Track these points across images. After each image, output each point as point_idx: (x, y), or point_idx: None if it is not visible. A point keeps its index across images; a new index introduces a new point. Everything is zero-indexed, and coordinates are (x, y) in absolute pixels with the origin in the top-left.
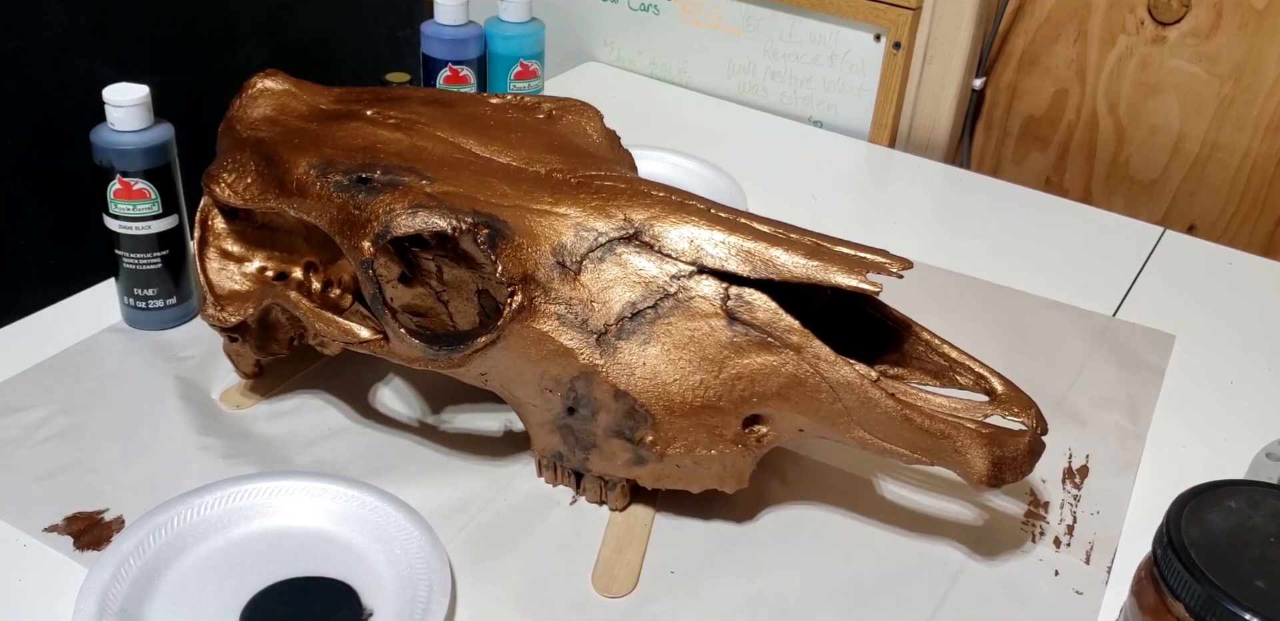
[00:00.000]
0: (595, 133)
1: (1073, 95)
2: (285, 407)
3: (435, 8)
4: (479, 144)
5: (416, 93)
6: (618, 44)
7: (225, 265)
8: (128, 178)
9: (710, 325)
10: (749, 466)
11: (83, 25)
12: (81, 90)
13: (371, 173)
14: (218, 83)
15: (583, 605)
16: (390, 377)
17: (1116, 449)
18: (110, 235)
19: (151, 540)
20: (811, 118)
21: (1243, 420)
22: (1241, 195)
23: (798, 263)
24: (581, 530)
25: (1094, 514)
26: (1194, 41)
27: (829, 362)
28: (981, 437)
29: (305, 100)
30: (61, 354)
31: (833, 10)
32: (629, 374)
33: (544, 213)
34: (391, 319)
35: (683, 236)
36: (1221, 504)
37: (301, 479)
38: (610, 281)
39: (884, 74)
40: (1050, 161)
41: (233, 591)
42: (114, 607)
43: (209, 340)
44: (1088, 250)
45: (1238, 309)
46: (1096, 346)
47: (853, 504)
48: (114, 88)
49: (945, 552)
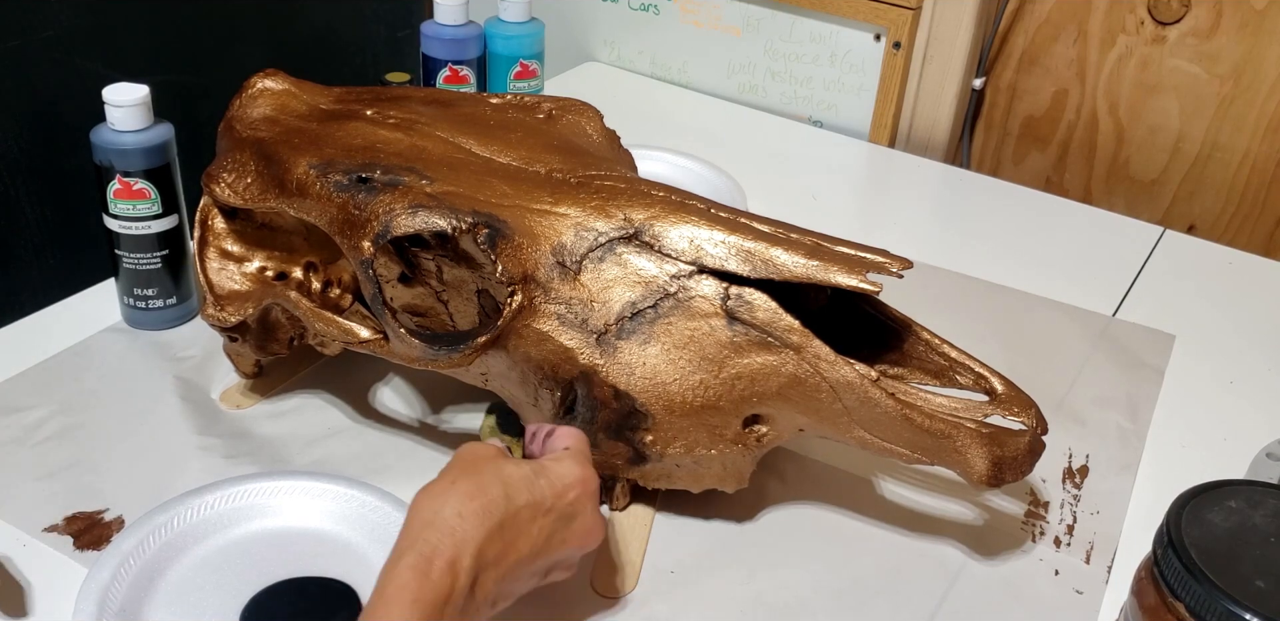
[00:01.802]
0: (595, 132)
1: (1073, 95)
2: (285, 407)
3: (435, 8)
4: (479, 144)
5: (416, 93)
6: (618, 44)
7: (225, 265)
8: (128, 178)
9: (710, 325)
10: (749, 466)
11: (83, 25)
12: (81, 90)
13: (371, 172)
14: (218, 83)
15: (583, 604)
16: (390, 377)
17: (1116, 449)
18: (110, 235)
19: (151, 540)
20: (811, 118)
21: (1243, 420)
22: (1241, 195)
23: (798, 262)
24: None
25: (1094, 513)
26: (1194, 41)
27: (829, 362)
28: (982, 437)
29: (305, 100)
30: (61, 354)
31: (833, 10)
32: (629, 373)
33: (544, 212)
34: (391, 319)
35: (683, 236)
36: (1221, 504)
37: (301, 479)
38: (610, 281)
39: (884, 74)
40: (1050, 161)
41: (233, 591)
42: (114, 607)
43: (209, 340)
44: (1088, 250)
45: (1238, 309)
46: (1096, 346)
47: (853, 504)
48: (114, 88)
49: (945, 552)
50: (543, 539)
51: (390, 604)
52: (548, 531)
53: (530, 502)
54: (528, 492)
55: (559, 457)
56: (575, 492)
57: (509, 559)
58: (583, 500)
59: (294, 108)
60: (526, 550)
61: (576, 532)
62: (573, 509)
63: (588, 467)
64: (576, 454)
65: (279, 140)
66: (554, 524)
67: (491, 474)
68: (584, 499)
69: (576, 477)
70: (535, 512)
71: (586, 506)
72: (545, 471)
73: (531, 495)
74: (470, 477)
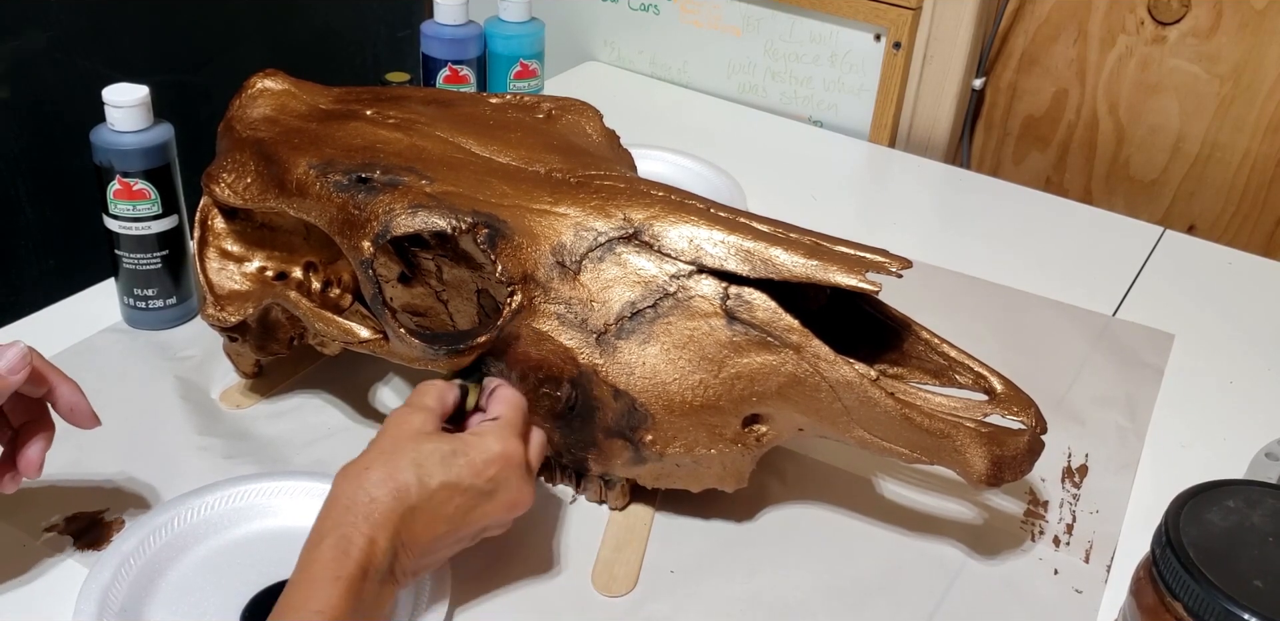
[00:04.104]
0: (595, 132)
1: (1073, 95)
2: (285, 407)
3: (435, 7)
4: (479, 144)
5: (416, 92)
6: (618, 44)
7: (225, 265)
8: (128, 178)
9: (710, 324)
10: (749, 465)
11: (83, 25)
12: (82, 90)
13: (371, 172)
14: (218, 83)
15: (583, 604)
16: (390, 377)
17: (1116, 448)
18: (110, 235)
19: (152, 540)
20: (811, 118)
21: (1242, 420)
22: (1241, 195)
23: (797, 262)
24: (581, 529)
25: (1093, 513)
26: (1194, 41)
27: (828, 362)
28: (981, 437)
29: (305, 100)
30: (61, 354)
31: (833, 10)
32: (628, 373)
33: (544, 212)
34: (391, 318)
35: (682, 236)
36: (1220, 503)
37: (301, 479)
38: (610, 281)
39: (884, 74)
40: (1050, 161)
41: (233, 591)
42: (114, 608)
43: (209, 340)
44: (1088, 250)
45: (1238, 309)
46: (1096, 346)
47: (853, 503)
48: (114, 88)
49: (945, 552)
50: (460, 516)
51: (313, 582)
52: (465, 508)
53: (445, 483)
54: (442, 473)
55: (481, 432)
56: (494, 469)
57: (425, 537)
58: (504, 474)
59: (294, 108)
60: (443, 529)
61: (500, 505)
62: (492, 485)
63: (509, 441)
64: (502, 426)
65: (279, 140)
66: (471, 500)
67: (408, 457)
68: (505, 473)
69: (495, 453)
70: (451, 493)
71: (510, 480)
72: (465, 448)
73: (447, 475)
74: (385, 462)
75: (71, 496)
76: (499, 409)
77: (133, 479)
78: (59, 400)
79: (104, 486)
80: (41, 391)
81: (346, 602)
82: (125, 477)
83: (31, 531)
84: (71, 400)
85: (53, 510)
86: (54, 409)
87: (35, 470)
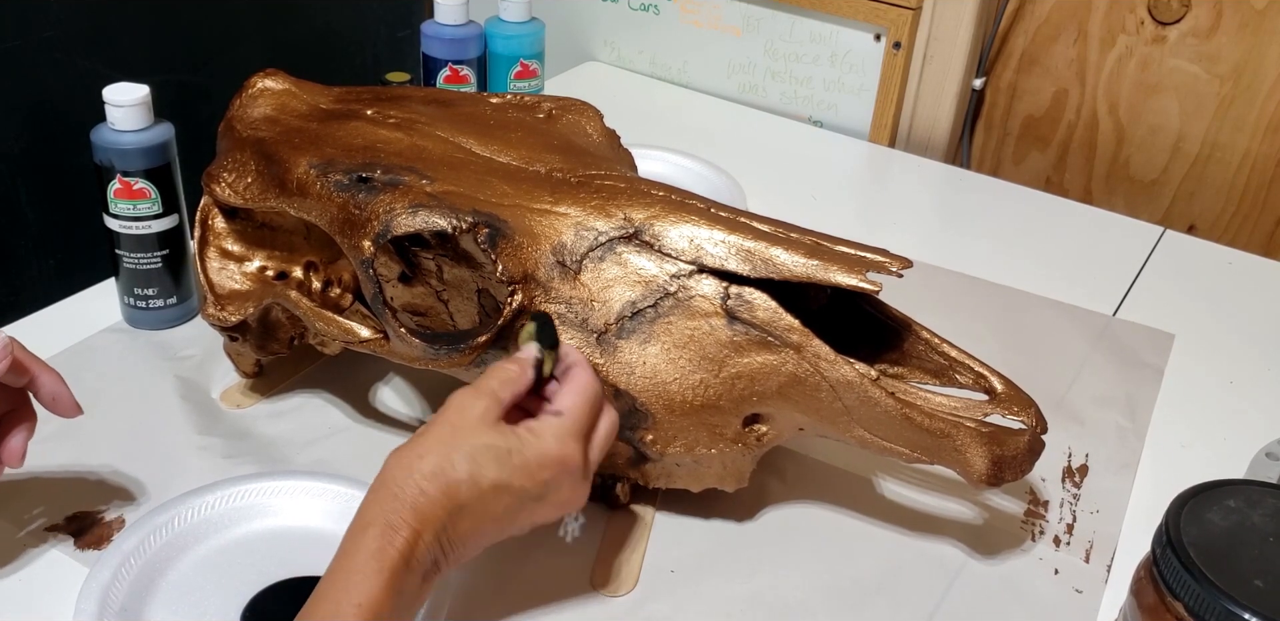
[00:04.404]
0: (595, 132)
1: (1073, 95)
2: (285, 407)
3: (435, 7)
4: (479, 143)
5: (416, 92)
6: (618, 44)
7: (225, 264)
8: (128, 177)
9: (710, 324)
10: (749, 465)
11: (83, 25)
12: (81, 90)
13: (371, 172)
14: (218, 83)
15: (582, 604)
16: (390, 377)
17: (1116, 448)
18: (110, 235)
19: (152, 540)
20: (811, 117)
21: (1242, 420)
22: (1241, 195)
23: (798, 262)
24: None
25: (1093, 513)
26: (1194, 41)
27: (829, 361)
28: (981, 436)
29: (305, 100)
30: (61, 354)
31: (833, 10)
32: (629, 373)
33: (544, 212)
34: (392, 318)
35: (682, 235)
36: (1220, 503)
37: (301, 479)
38: (610, 281)
39: (884, 74)
40: (1050, 161)
41: (233, 591)
42: (114, 607)
43: (209, 340)
44: (1088, 250)
45: (1238, 309)
46: (1096, 346)
47: (853, 503)
48: (114, 88)
49: (945, 552)
50: (507, 516)
51: (355, 572)
52: (513, 509)
53: (496, 484)
54: (495, 472)
55: (540, 432)
56: (549, 473)
57: (469, 535)
58: (557, 479)
59: (294, 107)
60: (489, 528)
61: (550, 506)
62: (543, 489)
63: (567, 444)
64: (563, 426)
65: (279, 140)
66: (520, 502)
67: (463, 450)
68: (559, 478)
69: (552, 457)
70: (501, 493)
71: (562, 484)
72: (522, 447)
73: (500, 475)
74: (440, 453)
75: (72, 495)
76: (566, 400)
77: (133, 478)
78: (41, 389)
79: (104, 486)
80: (23, 381)
81: (387, 596)
82: (125, 477)
83: (31, 531)
84: (53, 389)
85: (53, 510)
86: (36, 399)
87: (18, 459)
